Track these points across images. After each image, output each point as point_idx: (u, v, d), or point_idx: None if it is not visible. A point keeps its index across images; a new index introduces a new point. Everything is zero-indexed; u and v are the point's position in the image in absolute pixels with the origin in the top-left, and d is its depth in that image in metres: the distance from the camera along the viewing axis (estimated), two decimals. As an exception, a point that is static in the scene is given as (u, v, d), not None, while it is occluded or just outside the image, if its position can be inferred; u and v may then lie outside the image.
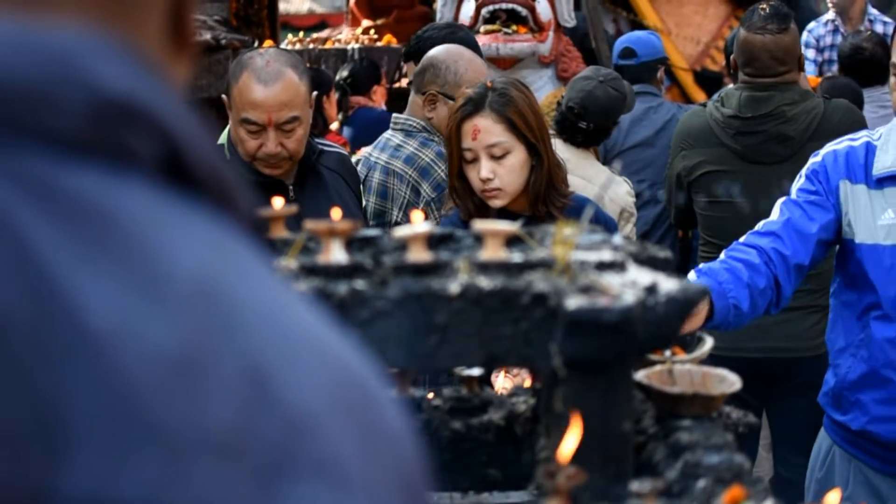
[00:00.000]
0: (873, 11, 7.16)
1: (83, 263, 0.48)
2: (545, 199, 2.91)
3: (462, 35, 3.95)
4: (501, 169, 2.87)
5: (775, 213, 2.72)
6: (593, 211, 2.69)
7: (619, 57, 5.18)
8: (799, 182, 2.76)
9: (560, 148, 3.83)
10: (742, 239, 2.68)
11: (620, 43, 5.28)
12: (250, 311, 0.51)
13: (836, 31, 6.92)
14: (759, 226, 2.71)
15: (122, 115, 0.52)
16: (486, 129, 2.86)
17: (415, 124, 3.49)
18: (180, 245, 0.51)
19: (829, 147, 2.77)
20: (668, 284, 1.24)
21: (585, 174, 3.81)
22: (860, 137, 2.73)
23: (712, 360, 1.66)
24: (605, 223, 2.87)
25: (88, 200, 0.50)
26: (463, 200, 2.95)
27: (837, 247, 2.76)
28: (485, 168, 2.86)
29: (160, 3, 0.58)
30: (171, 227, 0.52)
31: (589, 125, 3.92)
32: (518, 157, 2.88)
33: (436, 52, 3.59)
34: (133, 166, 0.52)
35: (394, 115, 3.60)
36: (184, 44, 0.60)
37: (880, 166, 2.64)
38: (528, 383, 1.78)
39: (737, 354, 3.33)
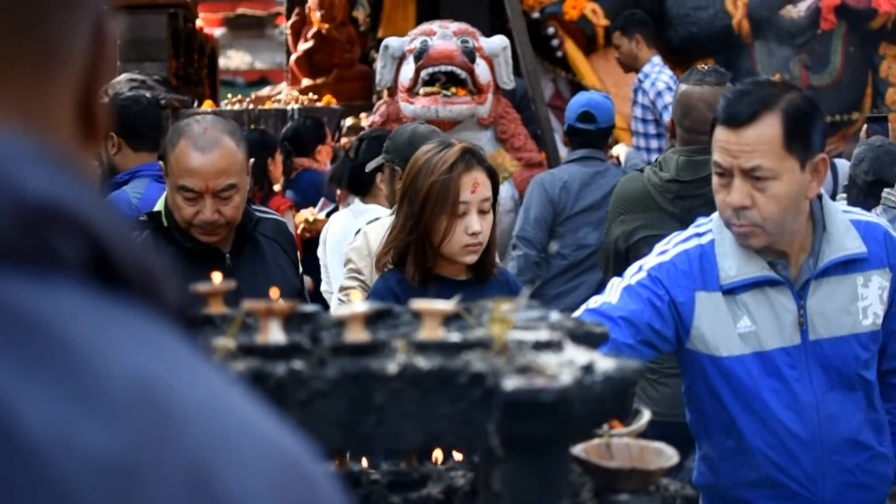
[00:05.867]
0: (656, 63, 6.68)
1: (17, 375, 0.48)
2: (492, 260, 2.96)
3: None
4: (486, 224, 2.89)
5: (613, 296, 2.52)
6: (522, 288, 2.76)
7: (578, 119, 5.12)
8: (639, 275, 2.55)
9: None
10: (578, 313, 2.44)
11: (579, 105, 5.07)
12: (188, 408, 0.51)
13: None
14: (596, 303, 2.52)
15: (49, 220, 0.51)
16: (482, 183, 2.88)
17: None
18: (114, 348, 0.51)
19: (678, 244, 2.57)
20: (604, 363, 1.25)
21: None
22: (705, 233, 2.56)
23: (652, 425, 1.66)
24: (513, 283, 3.00)
25: (19, 310, 0.50)
26: (419, 261, 2.89)
27: (677, 354, 2.60)
28: (477, 222, 2.86)
29: (70, 96, 0.58)
30: (103, 330, 0.52)
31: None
32: (492, 214, 2.92)
33: None
34: (61, 270, 0.52)
35: None
36: (94, 133, 0.60)
37: (725, 276, 2.49)
38: None
39: (677, 419, 3.34)
